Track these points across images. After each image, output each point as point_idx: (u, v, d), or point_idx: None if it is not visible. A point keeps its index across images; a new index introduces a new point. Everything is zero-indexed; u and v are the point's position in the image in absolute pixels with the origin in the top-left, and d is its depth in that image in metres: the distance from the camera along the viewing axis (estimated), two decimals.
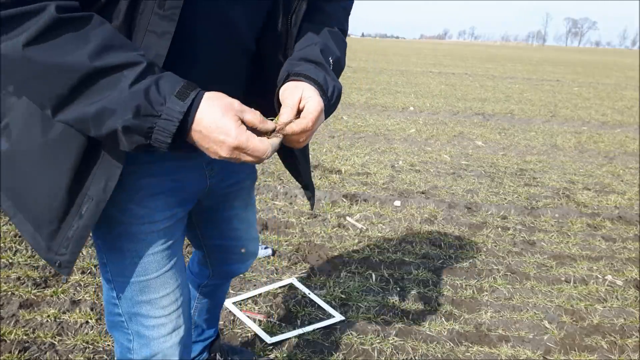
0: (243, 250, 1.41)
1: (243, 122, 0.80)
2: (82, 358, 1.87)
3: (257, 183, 3.92)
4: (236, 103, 0.80)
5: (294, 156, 1.14)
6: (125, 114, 0.72)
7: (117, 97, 0.71)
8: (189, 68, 0.88)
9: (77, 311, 2.13)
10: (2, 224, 2.92)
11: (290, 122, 0.88)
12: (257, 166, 4.36)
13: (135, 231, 0.97)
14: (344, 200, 3.68)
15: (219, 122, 0.77)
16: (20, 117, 0.85)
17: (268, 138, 0.84)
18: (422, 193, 3.99)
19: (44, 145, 0.84)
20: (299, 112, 0.90)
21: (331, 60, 1.01)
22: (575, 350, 2.12)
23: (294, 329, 2.13)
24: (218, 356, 1.75)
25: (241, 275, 2.54)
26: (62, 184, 0.84)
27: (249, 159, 0.82)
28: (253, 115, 0.82)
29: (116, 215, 0.95)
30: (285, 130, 0.87)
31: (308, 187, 1.22)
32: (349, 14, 1.18)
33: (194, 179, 1.08)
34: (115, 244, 0.99)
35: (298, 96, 0.90)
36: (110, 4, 0.77)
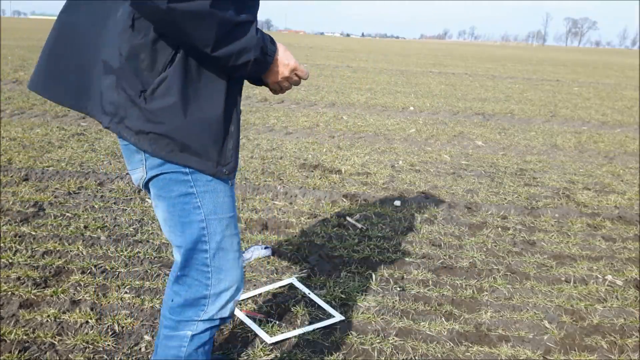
0: None
1: None
2: (82, 358, 1.87)
3: (257, 183, 3.92)
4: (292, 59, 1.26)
5: None
6: (255, 52, 1.14)
7: (250, 40, 1.12)
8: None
9: (77, 311, 2.13)
10: (2, 224, 2.92)
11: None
12: (258, 166, 4.37)
13: (227, 177, 1.25)
14: (344, 200, 3.68)
15: (287, 56, 1.24)
16: (178, 73, 1.13)
17: None
18: (422, 193, 3.99)
19: (201, 95, 1.16)
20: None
21: None
22: (575, 350, 2.12)
23: (294, 328, 2.13)
24: None
25: None
26: (220, 116, 1.18)
27: (296, 79, 1.27)
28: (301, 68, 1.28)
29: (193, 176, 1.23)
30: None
31: None
32: None
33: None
34: (211, 186, 1.23)
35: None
36: None
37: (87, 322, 2.07)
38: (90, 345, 1.94)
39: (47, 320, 2.06)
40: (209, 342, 1.32)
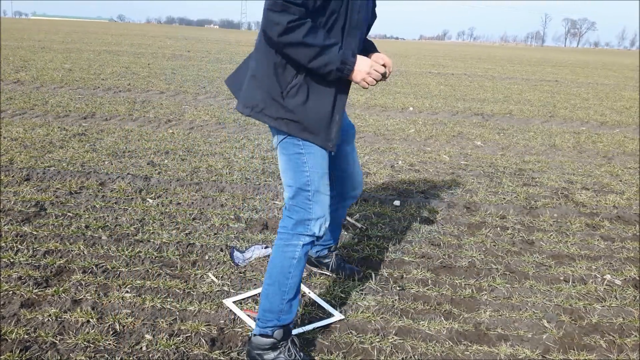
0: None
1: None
2: (83, 357, 1.88)
3: (258, 183, 3.93)
4: (370, 59, 1.83)
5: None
6: (336, 63, 1.71)
7: (333, 56, 1.70)
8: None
9: (79, 310, 2.14)
10: (3, 224, 2.93)
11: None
12: (258, 166, 4.38)
13: (329, 150, 1.88)
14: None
15: (362, 64, 1.77)
16: (302, 81, 1.78)
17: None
18: (422, 193, 4.00)
19: (318, 95, 1.80)
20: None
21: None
22: (574, 350, 2.13)
23: (294, 327, 2.14)
24: (332, 263, 2.58)
25: (241, 274, 2.55)
26: (331, 108, 1.81)
27: (371, 79, 1.80)
28: (378, 63, 1.87)
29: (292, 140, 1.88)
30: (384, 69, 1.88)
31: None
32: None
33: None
34: (314, 151, 1.86)
35: (380, 57, 1.94)
36: (318, 19, 1.74)
37: (88, 321, 2.08)
38: (91, 345, 1.95)
39: (48, 320, 2.07)
40: (307, 252, 1.93)
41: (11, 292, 2.26)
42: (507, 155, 5.43)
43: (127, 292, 2.32)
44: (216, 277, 2.51)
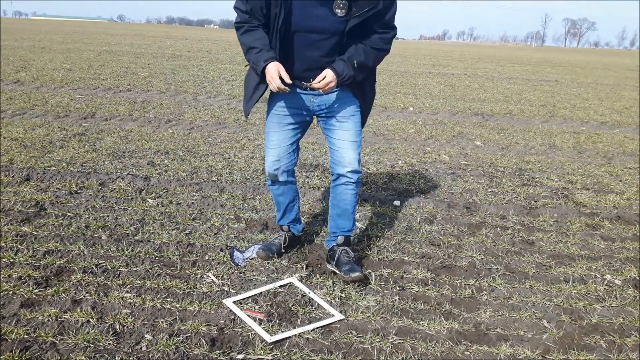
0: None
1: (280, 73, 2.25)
2: (83, 357, 1.88)
3: (258, 183, 3.93)
4: (279, 66, 2.24)
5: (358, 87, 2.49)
6: (253, 63, 2.32)
7: (252, 57, 2.29)
8: (287, 57, 2.35)
9: (79, 310, 2.14)
10: (3, 224, 2.93)
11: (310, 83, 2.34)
12: (258, 166, 4.37)
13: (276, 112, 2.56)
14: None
15: (269, 70, 2.24)
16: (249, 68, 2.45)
17: (306, 89, 2.43)
18: (422, 193, 4.00)
19: (252, 73, 2.41)
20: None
21: (355, 62, 2.30)
22: (574, 350, 2.13)
23: (294, 328, 2.14)
24: (342, 255, 2.59)
25: (241, 274, 2.55)
26: (253, 87, 2.43)
27: (271, 81, 2.24)
28: (278, 71, 2.24)
29: (269, 104, 2.57)
30: (311, 85, 2.33)
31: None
32: (385, 41, 2.39)
33: (303, 105, 2.52)
34: (267, 114, 2.58)
35: (322, 74, 2.30)
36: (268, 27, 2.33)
37: (88, 321, 2.08)
38: (91, 345, 1.94)
39: (48, 320, 2.07)
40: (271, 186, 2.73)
41: (11, 292, 2.26)
42: (507, 155, 5.43)
43: (127, 292, 2.32)
44: (216, 277, 2.51)
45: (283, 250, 2.77)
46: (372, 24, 2.29)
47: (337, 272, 2.55)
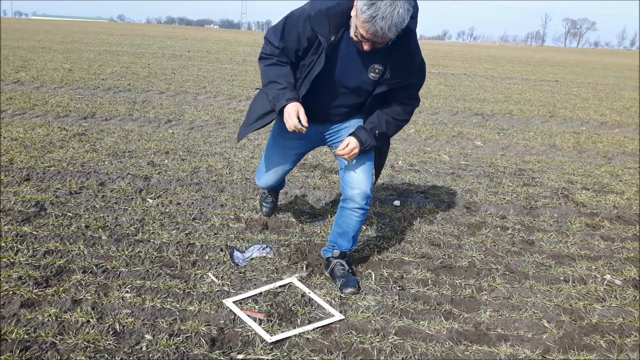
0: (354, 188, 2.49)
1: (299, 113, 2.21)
2: (83, 357, 1.88)
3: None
4: (299, 106, 2.21)
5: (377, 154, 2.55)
6: (271, 97, 2.28)
7: (273, 91, 2.26)
8: (310, 101, 2.33)
9: (79, 310, 2.14)
10: (3, 224, 2.93)
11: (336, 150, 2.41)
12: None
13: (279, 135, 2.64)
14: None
15: (288, 110, 2.20)
16: (259, 93, 2.53)
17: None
18: (422, 193, 4.00)
19: (263, 100, 2.43)
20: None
21: (377, 132, 2.37)
22: (574, 350, 2.13)
23: (294, 328, 2.14)
24: (336, 267, 2.58)
25: (241, 274, 2.55)
26: (258, 114, 2.46)
27: (289, 121, 2.20)
28: (297, 111, 2.20)
29: (276, 129, 2.68)
30: (336, 152, 2.41)
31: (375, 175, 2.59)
32: (408, 112, 2.42)
33: (314, 135, 2.55)
34: (272, 137, 2.70)
35: (346, 141, 2.36)
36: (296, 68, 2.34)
37: (88, 321, 2.08)
38: (91, 345, 1.94)
39: (48, 320, 2.07)
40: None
41: (11, 292, 2.26)
42: (507, 155, 5.43)
43: (127, 292, 2.32)
44: (216, 277, 2.51)
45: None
46: (398, 93, 2.32)
47: (333, 282, 2.55)
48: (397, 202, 3.71)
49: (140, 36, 26.68)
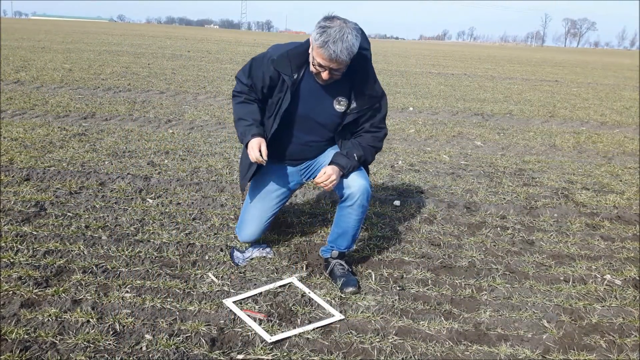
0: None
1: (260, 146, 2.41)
2: (83, 357, 1.88)
3: None
4: (261, 141, 2.41)
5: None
6: (239, 134, 2.50)
7: (240, 128, 2.49)
8: (283, 138, 2.58)
9: (79, 310, 2.14)
10: (3, 224, 2.93)
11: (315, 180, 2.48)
12: None
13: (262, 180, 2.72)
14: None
15: (251, 144, 2.40)
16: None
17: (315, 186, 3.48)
18: (422, 193, 4.00)
19: (244, 154, 2.59)
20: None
21: (355, 155, 2.47)
22: (574, 350, 2.13)
23: (294, 328, 2.14)
24: (335, 267, 2.58)
25: (241, 274, 2.56)
26: (248, 164, 2.55)
27: (251, 156, 2.39)
28: (259, 144, 2.40)
29: (257, 177, 2.70)
30: (315, 182, 2.45)
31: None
32: (379, 139, 2.58)
33: (291, 174, 2.73)
34: (251, 185, 2.73)
35: (323, 170, 2.42)
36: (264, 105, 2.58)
37: (88, 321, 2.08)
38: (91, 345, 1.94)
39: (48, 320, 2.07)
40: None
41: (11, 292, 2.25)
42: (507, 155, 5.43)
43: (127, 292, 2.32)
44: (216, 277, 2.51)
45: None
46: (365, 123, 2.52)
47: (333, 282, 2.55)
48: (397, 202, 3.71)
49: (140, 36, 26.67)
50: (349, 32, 2.19)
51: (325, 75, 2.30)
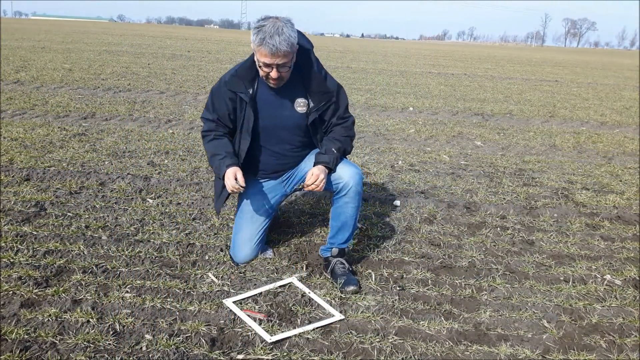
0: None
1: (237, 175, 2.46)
2: (83, 357, 1.88)
3: None
4: (236, 169, 2.47)
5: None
6: (214, 169, 2.57)
7: (214, 164, 2.55)
8: (259, 154, 2.67)
9: (79, 310, 2.14)
10: (3, 224, 2.93)
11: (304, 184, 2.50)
12: None
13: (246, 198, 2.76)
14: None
15: (227, 176, 2.46)
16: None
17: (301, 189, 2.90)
18: (422, 193, 4.00)
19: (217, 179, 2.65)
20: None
21: (334, 149, 2.51)
22: (574, 350, 2.13)
23: (294, 328, 2.14)
24: (336, 266, 2.59)
25: (241, 274, 2.56)
26: (220, 188, 2.60)
27: (228, 186, 2.47)
28: (235, 174, 2.46)
29: (241, 199, 2.79)
30: (305, 186, 2.47)
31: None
32: (348, 128, 2.64)
33: (275, 187, 2.77)
34: (238, 207, 2.79)
35: (310, 172, 2.45)
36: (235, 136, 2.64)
37: (88, 321, 2.08)
38: (91, 345, 1.94)
39: (48, 320, 2.07)
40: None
41: (11, 292, 2.25)
42: (507, 155, 5.43)
43: (127, 292, 2.32)
44: (216, 277, 2.51)
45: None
46: (330, 118, 2.59)
47: (334, 282, 2.55)
48: (397, 202, 3.71)
49: (140, 36, 26.67)
50: (283, 25, 2.27)
51: (274, 74, 2.35)
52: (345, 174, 2.49)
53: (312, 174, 2.42)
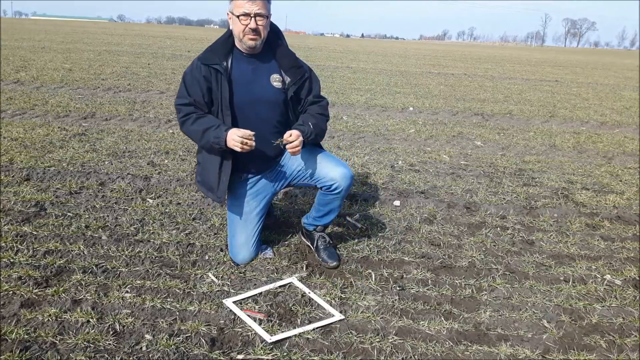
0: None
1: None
2: (83, 357, 1.88)
3: None
4: (235, 129, 2.42)
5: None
6: (213, 139, 2.44)
7: (211, 135, 2.45)
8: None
9: (79, 310, 2.14)
10: (3, 224, 2.93)
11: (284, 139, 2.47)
12: None
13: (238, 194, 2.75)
14: (344, 200, 3.68)
15: (231, 134, 2.42)
16: (201, 158, 2.67)
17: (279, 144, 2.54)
18: (422, 193, 4.00)
19: (210, 159, 2.60)
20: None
21: (310, 124, 2.55)
22: (574, 350, 2.13)
23: (294, 328, 2.14)
24: (319, 240, 2.77)
25: (241, 274, 2.55)
26: (217, 172, 2.57)
27: (235, 141, 2.40)
28: (243, 132, 2.40)
29: (230, 200, 2.77)
30: (286, 143, 2.46)
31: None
32: (323, 107, 2.70)
33: (264, 187, 2.77)
34: (229, 210, 2.78)
35: (288, 133, 2.45)
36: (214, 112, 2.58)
37: (88, 321, 2.08)
38: (91, 345, 1.94)
39: (48, 320, 2.07)
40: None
41: (11, 292, 2.26)
42: (507, 155, 5.43)
43: (127, 292, 2.32)
44: (216, 277, 2.51)
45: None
46: (307, 96, 2.64)
47: (315, 254, 2.73)
48: (397, 202, 3.71)
49: (140, 36, 26.67)
50: None
51: (252, 24, 2.41)
52: (337, 175, 2.54)
53: (291, 134, 2.44)
